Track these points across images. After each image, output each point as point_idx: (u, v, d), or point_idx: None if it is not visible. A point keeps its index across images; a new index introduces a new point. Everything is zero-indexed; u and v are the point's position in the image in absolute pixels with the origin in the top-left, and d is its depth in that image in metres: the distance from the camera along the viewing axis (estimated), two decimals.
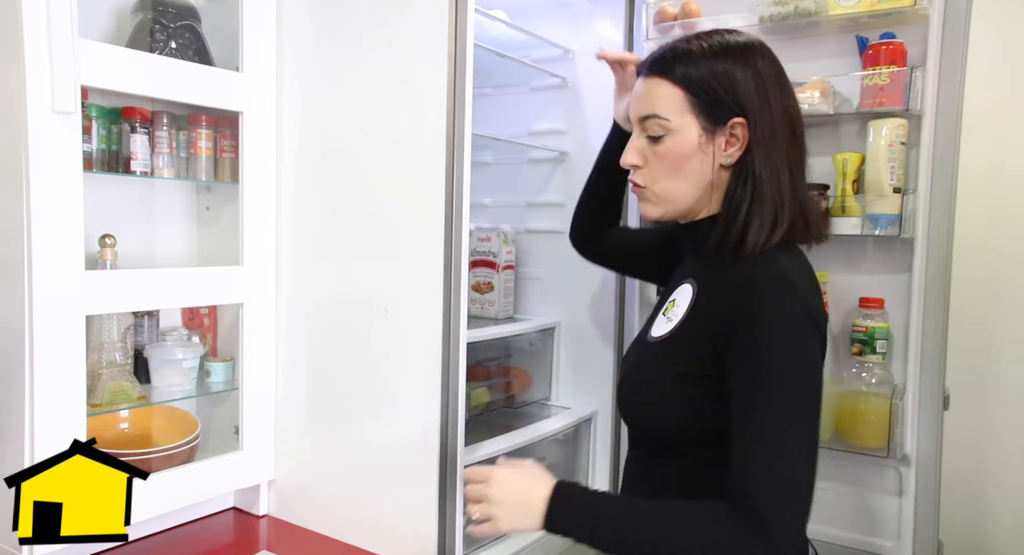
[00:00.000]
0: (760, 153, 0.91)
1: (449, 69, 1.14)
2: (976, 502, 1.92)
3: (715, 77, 0.91)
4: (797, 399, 0.83)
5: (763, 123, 0.91)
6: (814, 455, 0.83)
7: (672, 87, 0.93)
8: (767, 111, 0.91)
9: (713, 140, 0.93)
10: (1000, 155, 1.86)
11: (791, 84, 0.97)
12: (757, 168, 0.91)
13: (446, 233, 1.16)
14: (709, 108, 0.92)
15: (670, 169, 0.95)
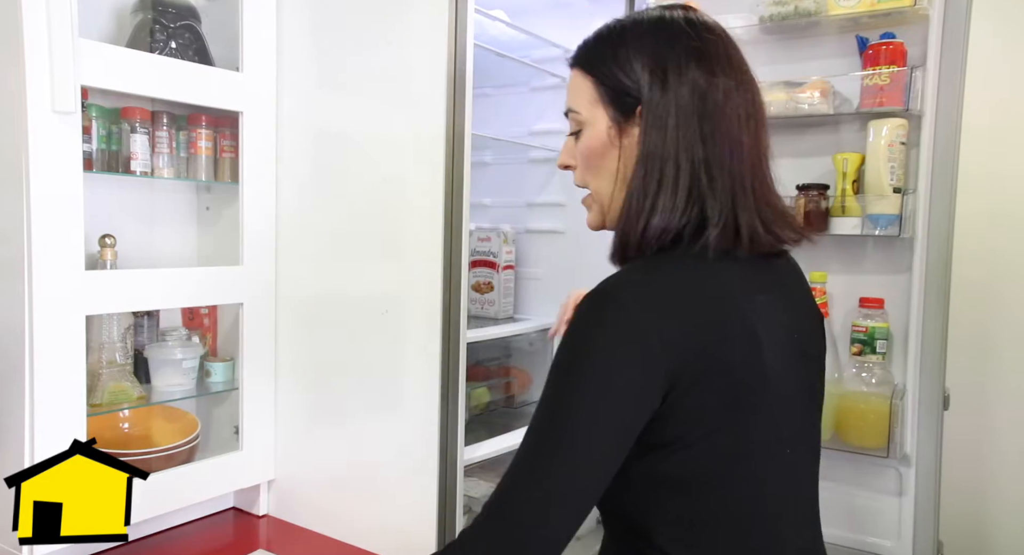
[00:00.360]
0: (652, 141, 0.78)
1: (449, 69, 1.14)
2: (976, 502, 1.92)
3: (616, 61, 0.81)
4: (570, 433, 0.69)
5: (658, 106, 0.78)
6: (566, 495, 0.69)
7: (583, 77, 0.86)
8: (667, 92, 0.78)
9: (624, 132, 0.82)
10: (1000, 155, 1.86)
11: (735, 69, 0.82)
12: (648, 159, 0.78)
13: (446, 233, 1.16)
14: (616, 97, 0.82)
15: (589, 166, 0.87)
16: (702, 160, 0.77)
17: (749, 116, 0.80)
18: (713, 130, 0.78)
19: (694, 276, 0.76)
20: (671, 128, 0.77)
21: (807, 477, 0.85)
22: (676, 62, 0.78)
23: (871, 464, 1.41)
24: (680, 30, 0.80)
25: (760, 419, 0.75)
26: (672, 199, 0.77)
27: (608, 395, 0.69)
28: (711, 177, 0.77)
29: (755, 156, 0.80)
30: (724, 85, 0.79)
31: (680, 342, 0.70)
